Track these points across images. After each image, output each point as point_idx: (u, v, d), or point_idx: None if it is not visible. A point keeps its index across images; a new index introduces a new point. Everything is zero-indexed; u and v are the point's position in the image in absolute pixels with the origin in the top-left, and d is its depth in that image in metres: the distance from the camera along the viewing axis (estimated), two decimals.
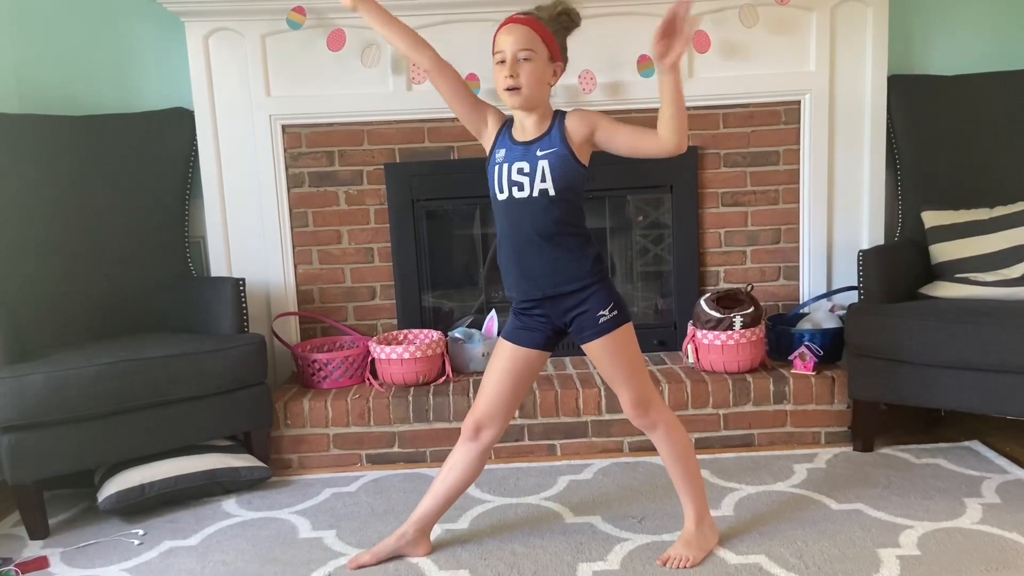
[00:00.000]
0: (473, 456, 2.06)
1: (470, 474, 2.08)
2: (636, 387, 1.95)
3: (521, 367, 2.01)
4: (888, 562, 1.98)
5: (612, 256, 3.35)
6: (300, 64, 3.00)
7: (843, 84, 3.04)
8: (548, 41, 1.87)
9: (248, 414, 2.64)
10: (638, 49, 2.95)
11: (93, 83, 3.10)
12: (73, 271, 2.82)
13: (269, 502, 2.53)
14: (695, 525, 2.04)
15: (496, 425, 2.04)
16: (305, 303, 3.16)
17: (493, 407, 2.02)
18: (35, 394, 2.27)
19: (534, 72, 1.85)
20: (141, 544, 2.28)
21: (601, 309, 1.90)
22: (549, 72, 1.88)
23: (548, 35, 1.87)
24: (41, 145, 2.85)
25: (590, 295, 1.90)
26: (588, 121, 1.87)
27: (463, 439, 2.06)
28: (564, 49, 1.93)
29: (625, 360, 1.93)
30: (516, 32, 1.85)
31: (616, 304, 1.91)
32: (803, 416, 2.78)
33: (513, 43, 1.84)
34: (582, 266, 1.90)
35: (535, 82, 1.86)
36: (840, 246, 3.13)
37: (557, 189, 1.87)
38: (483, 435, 2.04)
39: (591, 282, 1.90)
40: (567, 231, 1.89)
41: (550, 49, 1.87)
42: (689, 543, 2.02)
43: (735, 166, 3.12)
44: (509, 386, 2.01)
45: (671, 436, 1.99)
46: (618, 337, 1.91)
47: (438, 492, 2.09)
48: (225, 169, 3.05)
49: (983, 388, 2.39)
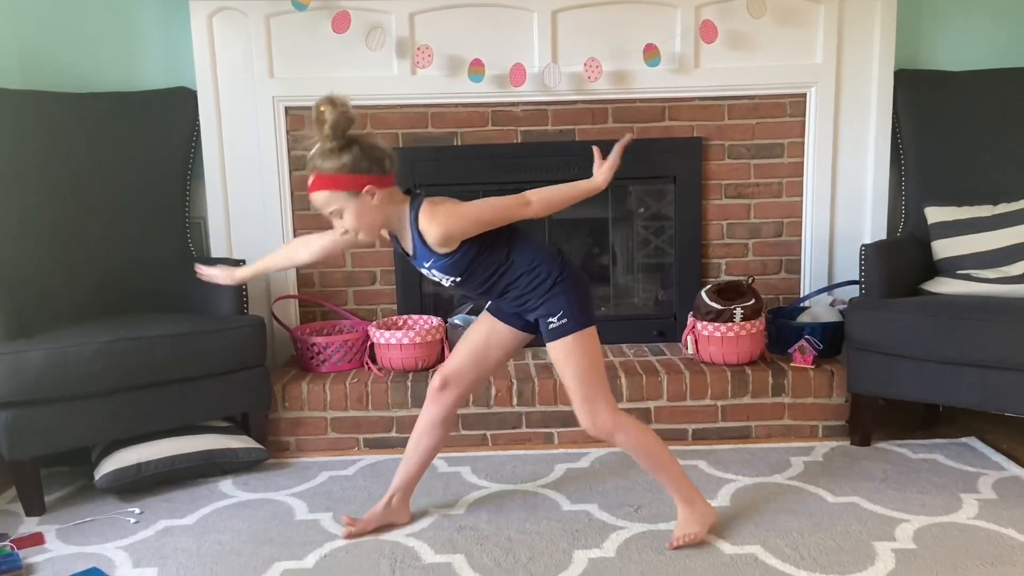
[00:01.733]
0: (437, 421, 2.13)
1: (438, 441, 2.17)
2: (582, 395, 1.94)
3: (496, 339, 2.07)
4: (883, 555, 1.98)
5: (614, 247, 3.34)
6: (304, 46, 2.98)
7: (849, 77, 3.03)
8: (341, 184, 1.79)
9: (246, 396, 2.64)
10: (644, 38, 2.94)
11: (96, 60, 3.09)
12: (73, 249, 2.81)
13: (266, 484, 2.53)
14: (687, 506, 2.06)
15: (460, 388, 2.10)
16: (305, 286, 3.15)
17: (462, 366, 2.09)
18: (34, 371, 2.27)
19: (353, 218, 1.82)
20: (137, 522, 2.29)
21: (551, 316, 1.91)
22: (365, 202, 1.81)
23: (336, 180, 1.78)
24: (42, 122, 2.83)
25: (542, 303, 1.92)
26: (446, 236, 1.82)
27: (427, 401, 2.13)
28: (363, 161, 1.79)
29: (571, 367, 1.93)
30: (315, 200, 1.83)
31: (565, 312, 1.90)
32: (801, 409, 2.78)
33: (322, 210, 1.85)
34: (527, 286, 1.92)
35: (362, 222, 1.83)
36: (842, 240, 3.13)
37: (461, 274, 1.91)
38: (447, 394, 2.10)
39: (540, 294, 1.92)
40: (497, 276, 1.93)
41: (348, 187, 1.79)
42: (688, 521, 2.05)
43: (739, 158, 3.11)
44: (479, 352, 2.08)
45: (632, 442, 1.99)
46: (568, 344, 1.91)
47: (410, 463, 2.18)
48: (227, 150, 3.04)
49: (982, 385, 2.39)
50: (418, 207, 1.85)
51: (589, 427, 1.96)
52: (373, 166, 1.81)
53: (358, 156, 1.79)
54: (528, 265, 1.91)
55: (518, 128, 3.08)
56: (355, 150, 1.79)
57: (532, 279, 1.91)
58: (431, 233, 1.82)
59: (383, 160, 1.83)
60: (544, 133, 3.08)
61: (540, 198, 1.85)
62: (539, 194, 1.86)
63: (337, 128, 1.76)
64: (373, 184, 1.80)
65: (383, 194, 1.83)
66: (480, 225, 1.85)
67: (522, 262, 1.91)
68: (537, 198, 1.85)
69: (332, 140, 1.77)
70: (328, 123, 1.75)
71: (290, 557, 2.06)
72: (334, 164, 1.78)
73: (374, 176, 1.81)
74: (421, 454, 2.16)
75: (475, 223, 1.84)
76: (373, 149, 1.82)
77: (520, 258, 1.91)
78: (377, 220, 1.86)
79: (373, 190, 1.81)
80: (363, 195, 1.80)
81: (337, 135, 1.77)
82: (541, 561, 2.00)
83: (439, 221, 1.82)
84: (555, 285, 1.90)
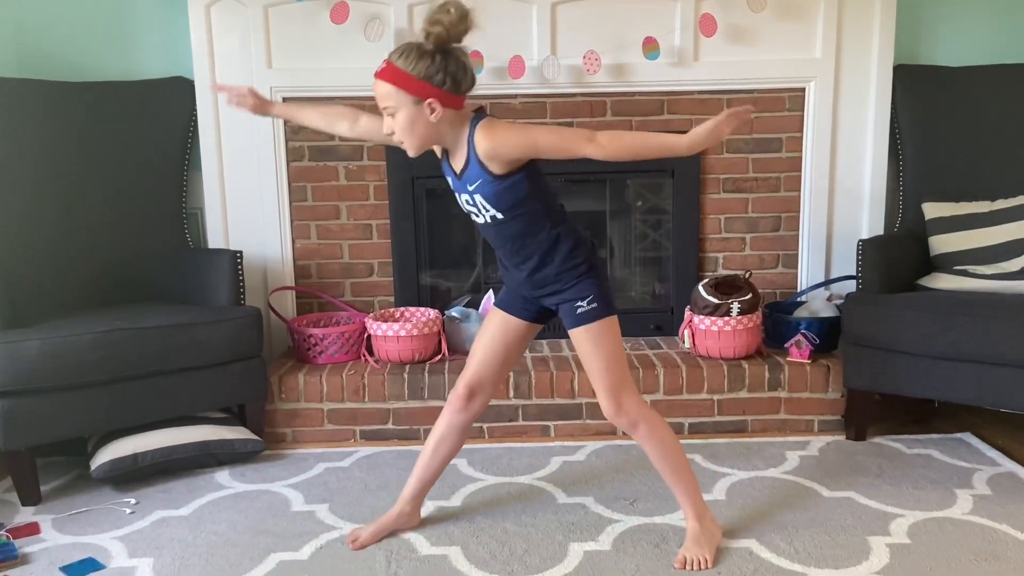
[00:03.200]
0: (462, 427, 2.07)
1: (458, 445, 2.11)
2: (609, 382, 1.89)
3: (512, 336, 2.02)
4: (878, 550, 1.99)
5: (611, 240, 3.34)
6: (302, 36, 2.97)
7: (848, 72, 3.03)
8: (407, 86, 1.71)
9: (243, 387, 2.64)
10: (644, 31, 2.93)
11: (93, 49, 3.07)
12: (70, 239, 2.80)
13: (262, 475, 2.53)
14: (697, 521, 1.98)
15: (486, 391, 2.05)
16: (302, 278, 3.15)
17: (485, 372, 2.03)
18: (30, 360, 2.26)
19: (403, 124, 1.76)
20: (133, 513, 2.29)
21: (580, 300, 1.87)
22: (422, 114, 1.73)
23: (405, 79, 1.71)
24: (39, 111, 2.82)
25: (571, 286, 1.88)
26: (495, 148, 1.75)
27: (453, 409, 2.05)
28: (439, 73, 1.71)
29: (601, 354, 1.88)
30: (376, 88, 1.76)
31: (596, 297, 1.86)
32: (797, 404, 2.78)
33: (378, 100, 1.77)
34: (561, 266, 1.87)
35: (411, 132, 1.76)
36: (840, 235, 3.13)
37: (503, 211, 1.83)
38: (474, 402, 2.04)
39: (572, 277, 1.87)
40: (533, 240, 1.86)
41: (413, 92, 1.71)
42: (698, 541, 1.97)
43: (737, 152, 3.11)
44: (500, 353, 2.02)
45: (652, 435, 1.94)
46: (595, 330, 1.87)
47: (430, 466, 2.10)
48: (224, 140, 3.03)
49: (978, 380, 2.40)
50: (478, 122, 1.78)
51: (614, 415, 1.91)
52: (448, 80, 1.72)
53: (438, 66, 1.70)
54: (571, 243, 1.86)
55: (516, 121, 3.07)
56: (438, 59, 1.70)
57: (569, 259, 1.86)
58: (483, 144, 1.75)
59: (460, 81, 1.73)
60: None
61: (611, 138, 1.69)
62: (612, 134, 1.71)
63: (443, 36, 1.68)
64: (439, 100, 1.72)
65: (445, 112, 1.74)
66: (534, 146, 1.73)
67: (567, 237, 1.86)
68: (608, 138, 1.69)
69: (433, 41, 1.69)
70: (441, 27, 1.67)
71: (286, 548, 2.06)
72: (411, 64, 1.70)
73: (444, 92, 1.72)
74: (441, 459, 2.09)
75: (529, 142, 1.73)
76: (459, 67, 1.73)
77: (568, 232, 1.86)
78: (428, 136, 1.78)
79: (435, 104, 1.72)
80: (424, 106, 1.73)
81: (436, 41, 1.69)
82: (537, 554, 2.01)
83: (493, 133, 1.74)
84: (590, 270, 1.87)
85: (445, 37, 1.70)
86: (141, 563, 2.01)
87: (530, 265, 1.89)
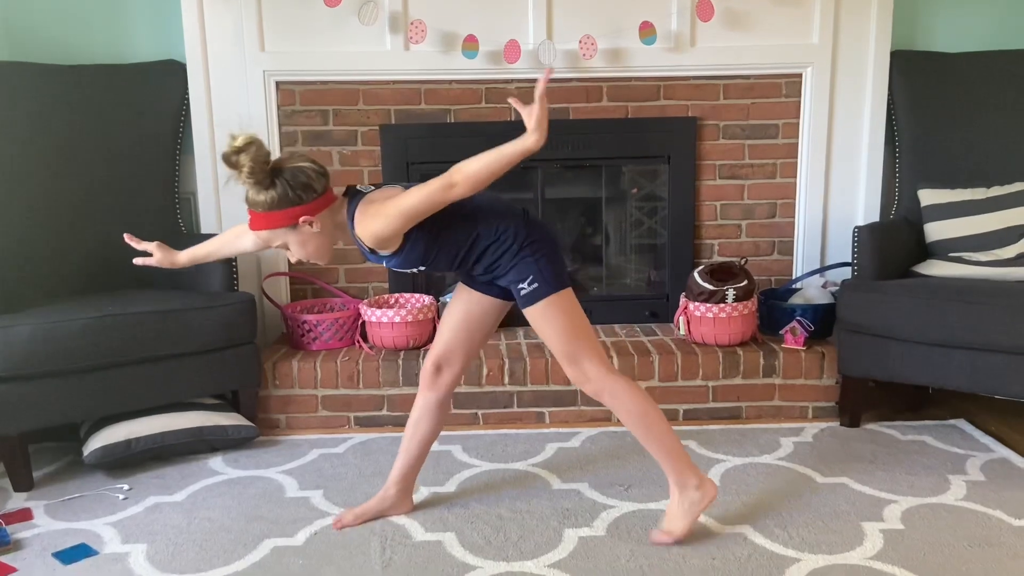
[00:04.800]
0: (435, 406, 2.08)
1: (436, 424, 2.11)
2: (566, 351, 1.89)
3: (476, 310, 2.02)
4: (872, 535, 1.99)
5: (606, 227, 3.33)
6: (296, 19, 2.94)
7: (845, 58, 3.01)
8: (274, 223, 1.76)
9: (236, 373, 2.63)
10: (640, 15, 2.91)
11: (84, 31, 3.03)
12: (60, 224, 2.77)
13: (256, 461, 2.52)
14: (679, 492, 1.97)
15: (454, 367, 2.05)
16: (297, 264, 3.13)
17: (450, 346, 2.04)
18: (21, 346, 2.25)
19: (300, 250, 1.82)
20: (126, 499, 2.28)
21: (521, 282, 1.86)
22: (306, 232, 1.78)
23: (269, 219, 1.75)
24: (29, 94, 2.79)
25: (511, 268, 1.87)
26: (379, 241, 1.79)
27: (423, 388, 2.08)
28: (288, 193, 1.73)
29: (553, 328, 1.88)
30: (259, 239, 1.84)
31: (535, 277, 1.85)
32: (791, 390, 2.79)
33: (267, 245, 1.86)
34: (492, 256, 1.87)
35: (309, 250, 1.82)
36: (835, 222, 3.12)
37: (423, 262, 1.88)
38: (442, 377, 2.06)
39: (507, 260, 1.87)
40: (467, 256, 1.88)
41: (283, 223, 1.76)
42: (675, 513, 1.97)
43: (734, 138, 3.09)
44: (466, 327, 2.03)
45: (618, 402, 1.91)
46: (541, 308, 1.86)
47: (410, 449, 2.11)
48: (217, 125, 3.00)
49: (972, 367, 2.40)
50: (354, 210, 1.80)
51: (579, 383, 1.93)
52: (304, 194, 1.75)
53: (285, 188, 1.73)
54: (493, 235, 1.85)
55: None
56: (281, 182, 1.73)
57: (498, 247, 1.85)
58: (367, 239, 1.79)
59: (312, 184, 1.75)
60: None
61: (465, 176, 1.70)
62: (464, 172, 1.71)
63: (256, 167, 1.69)
64: (307, 213, 1.76)
65: (323, 217, 1.78)
66: (409, 219, 1.76)
67: (487, 233, 1.86)
68: (462, 177, 1.70)
69: (256, 179, 1.71)
70: (246, 167, 1.69)
71: (280, 534, 2.06)
72: (264, 200, 1.74)
73: (308, 204, 1.75)
74: (420, 440, 2.10)
75: (403, 219, 1.75)
76: (299, 175, 1.74)
77: (485, 229, 1.86)
78: (323, 244, 1.83)
79: (309, 219, 1.76)
80: (301, 226, 1.77)
81: (258, 173, 1.70)
82: (531, 539, 2.01)
83: (369, 227, 1.77)
84: (522, 249, 1.85)
85: (261, 167, 1.71)
86: (134, 549, 2.00)
87: (467, 267, 1.92)
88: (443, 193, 1.73)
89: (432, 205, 1.75)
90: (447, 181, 1.72)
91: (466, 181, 1.71)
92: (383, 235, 1.77)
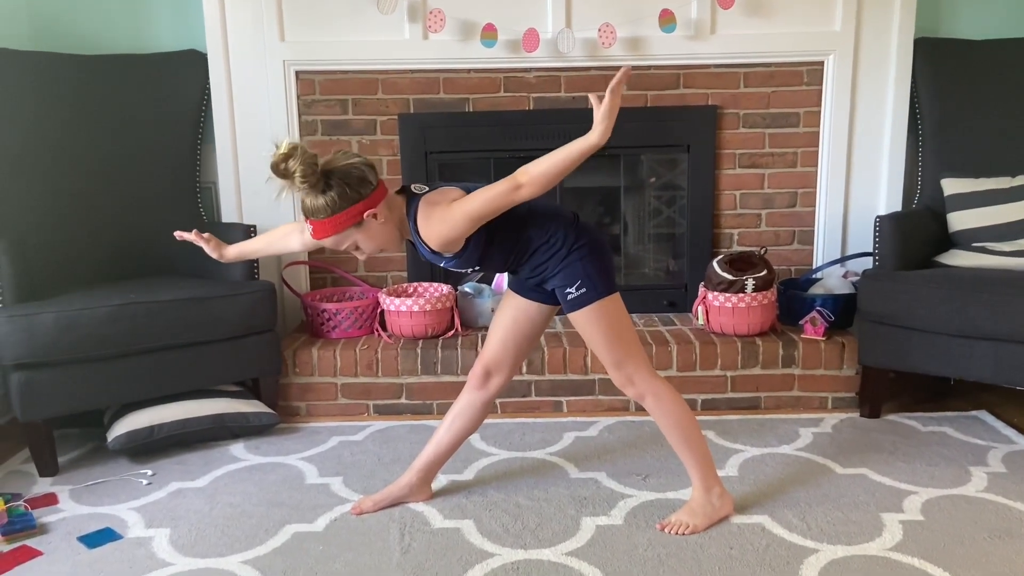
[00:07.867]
0: (478, 405, 2.09)
1: (474, 423, 2.11)
2: (613, 357, 1.92)
3: (524, 317, 2.03)
4: (891, 526, 1.98)
5: (625, 216, 3.32)
6: (315, 8, 2.95)
7: (868, 45, 2.98)
8: (340, 226, 1.75)
9: (257, 361, 2.65)
10: (660, 3, 2.89)
11: (106, 21, 3.06)
12: (84, 212, 2.81)
13: (277, 448, 2.55)
14: (703, 493, 2.00)
15: (503, 372, 2.06)
16: (315, 253, 3.15)
17: (500, 353, 2.05)
18: (45, 333, 2.28)
19: (369, 246, 1.82)
20: (149, 484, 2.31)
21: (568, 287, 1.87)
22: (372, 226, 1.78)
23: (334, 223, 1.74)
24: (51, 84, 2.82)
25: (558, 271, 1.88)
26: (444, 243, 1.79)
27: (471, 387, 2.08)
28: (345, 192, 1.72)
29: (599, 333, 1.90)
30: (326, 244, 1.81)
31: (584, 282, 1.86)
32: (811, 381, 2.77)
33: (335, 249, 1.84)
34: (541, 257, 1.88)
35: (379, 243, 1.82)
36: (856, 211, 3.09)
37: (479, 263, 1.89)
38: (491, 382, 2.06)
39: (556, 263, 1.87)
40: (519, 257, 1.90)
41: (349, 224, 1.75)
42: (694, 511, 2.00)
43: (754, 127, 3.07)
44: (514, 334, 2.04)
45: (660, 407, 1.96)
46: (588, 314, 1.88)
47: (442, 441, 2.12)
48: (237, 114, 3.02)
49: (994, 358, 2.38)
50: (415, 211, 1.81)
51: (623, 387, 1.95)
52: (362, 189, 1.74)
53: (343, 187, 1.72)
54: (543, 237, 1.87)
55: (530, 95, 3.05)
56: (336, 182, 1.72)
57: (547, 249, 1.87)
58: (432, 240, 1.80)
59: (366, 176, 1.75)
60: (557, 100, 3.05)
61: (531, 178, 1.70)
62: (530, 173, 1.70)
63: (307, 170, 1.67)
64: (370, 206, 1.75)
65: (383, 209, 1.78)
66: (476, 223, 1.77)
67: (538, 235, 1.87)
68: (528, 179, 1.70)
69: (310, 183, 1.69)
70: (298, 173, 1.66)
71: (300, 520, 2.08)
72: (324, 204, 1.72)
73: (367, 198, 1.75)
74: (455, 433, 2.11)
75: (470, 222, 1.76)
76: (352, 171, 1.74)
77: (536, 232, 1.87)
78: (391, 233, 1.83)
79: (373, 212, 1.76)
80: (366, 221, 1.77)
81: (311, 177, 1.68)
82: (549, 527, 2.02)
83: (435, 231, 1.78)
84: (571, 253, 1.86)
85: (312, 172, 1.68)
86: (158, 533, 2.03)
87: (517, 267, 1.94)
88: (509, 195, 1.73)
89: (498, 208, 1.76)
90: (513, 183, 1.72)
91: (533, 182, 1.71)
92: (450, 238, 1.79)
